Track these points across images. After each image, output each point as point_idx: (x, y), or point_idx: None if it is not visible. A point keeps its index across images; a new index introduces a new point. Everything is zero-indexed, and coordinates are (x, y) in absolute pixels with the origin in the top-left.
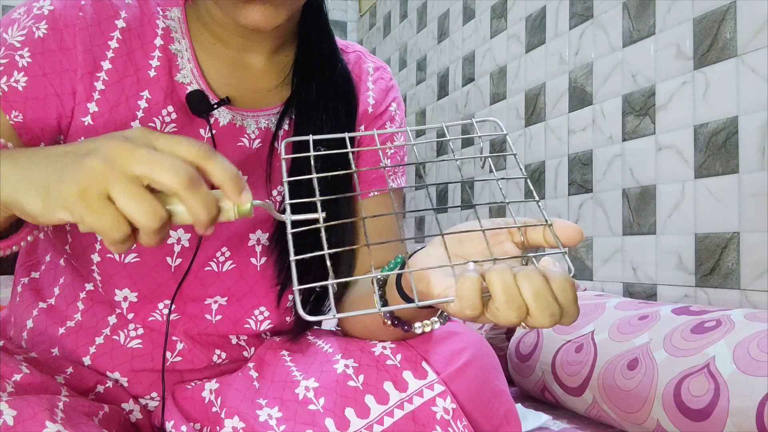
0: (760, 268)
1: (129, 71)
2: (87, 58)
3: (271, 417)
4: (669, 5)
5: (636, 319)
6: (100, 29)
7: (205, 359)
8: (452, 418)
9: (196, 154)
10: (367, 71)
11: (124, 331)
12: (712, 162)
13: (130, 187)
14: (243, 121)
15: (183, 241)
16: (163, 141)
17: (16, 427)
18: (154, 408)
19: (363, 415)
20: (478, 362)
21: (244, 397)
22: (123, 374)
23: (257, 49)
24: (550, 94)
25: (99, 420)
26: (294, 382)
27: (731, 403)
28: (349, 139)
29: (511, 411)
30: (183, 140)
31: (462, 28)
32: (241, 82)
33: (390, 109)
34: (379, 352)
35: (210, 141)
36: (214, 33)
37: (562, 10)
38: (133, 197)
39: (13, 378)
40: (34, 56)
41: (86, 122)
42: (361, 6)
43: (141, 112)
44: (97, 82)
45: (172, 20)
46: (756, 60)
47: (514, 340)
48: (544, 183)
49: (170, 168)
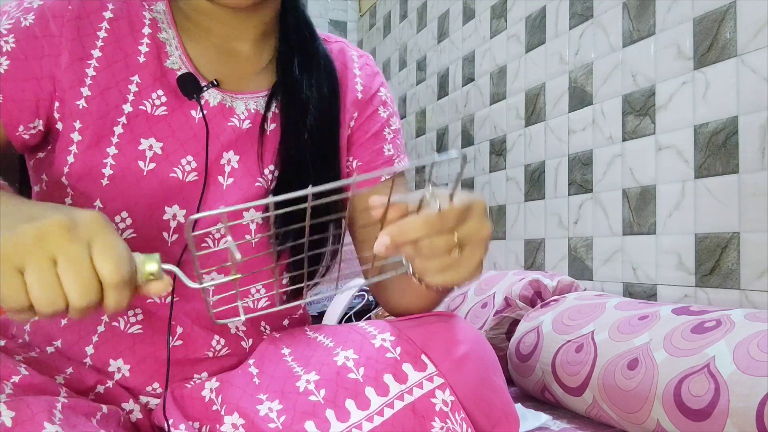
0: (760, 268)
1: (118, 57)
2: (75, 45)
3: (272, 410)
4: (669, 5)
5: (636, 319)
6: (89, 20)
7: (205, 344)
8: (451, 410)
9: (110, 283)
10: (351, 59)
11: (124, 318)
12: (712, 162)
13: (43, 271)
14: (232, 102)
15: (179, 217)
16: (99, 248)
17: (15, 428)
18: (155, 406)
19: (363, 407)
20: (476, 357)
21: (244, 392)
22: (126, 361)
23: (242, 36)
24: (550, 94)
25: (97, 420)
26: (295, 377)
27: (731, 403)
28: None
29: (509, 407)
30: (110, 261)
31: (462, 28)
32: (228, 68)
33: (380, 94)
34: (379, 344)
35: (201, 121)
36: (198, 23)
37: (562, 10)
38: (39, 281)
39: (11, 379)
40: (17, 41)
41: (80, 105)
42: (361, 6)
43: (131, 95)
44: (88, 68)
45: (158, 13)
46: (756, 60)
47: (514, 340)
48: (544, 183)
49: (80, 285)
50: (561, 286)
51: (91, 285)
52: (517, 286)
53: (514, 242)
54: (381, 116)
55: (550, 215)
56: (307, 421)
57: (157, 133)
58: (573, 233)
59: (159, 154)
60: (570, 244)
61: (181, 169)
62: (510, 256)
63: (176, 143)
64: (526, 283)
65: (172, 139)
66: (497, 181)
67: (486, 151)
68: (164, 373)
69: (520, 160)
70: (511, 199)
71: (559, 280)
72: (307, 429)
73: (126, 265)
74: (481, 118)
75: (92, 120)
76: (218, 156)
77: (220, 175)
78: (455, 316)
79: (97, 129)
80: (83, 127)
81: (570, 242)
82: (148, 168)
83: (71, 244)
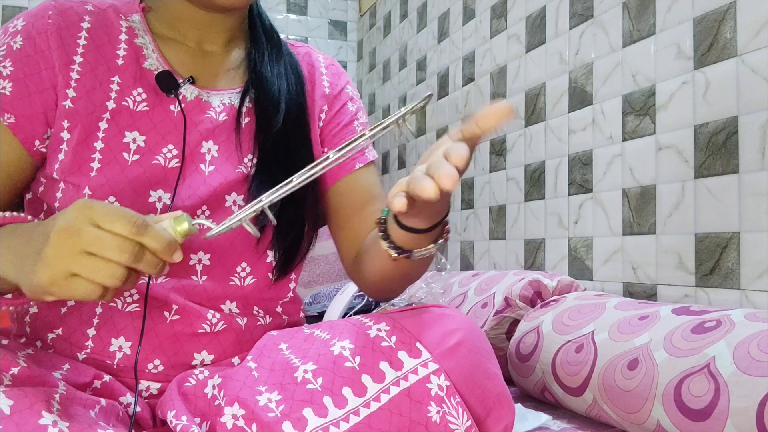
0: (760, 268)
1: (99, 62)
2: (61, 53)
3: (271, 400)
4: (669, 5)
5: (636, 319)
6: (69, 32)
7: (201, 317)
8: (446, 395)
9: (130, 230)
10: (318, 60)
11: (120, 298)
12: (712, 162)
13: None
14: (208, 97)
15: (164, 199)
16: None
17: (13, 417)
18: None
19: (360, 393)
20: (470, 343)
21: (244, 385)
22: (127, 338)
23: (213, 40)
24: (550, 94)
25: (96, 413)
26: (293, 368)
27: (731, 403)
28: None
29: (504, 394)
30: (119, 217)
31: (462, 28)
32: (202, 67)
33: (347, 90)
34: (375, 334)
35: (180, 114)
36: (173, 29)
37: (562, 10)
38: (92, 270)
39: (10, 371)
40: (14, 63)
41: (67, 106)
42: (361, 6)
43: (114, 93)
44: (72, 72)
45: (134, 22)
46: (756, 60)
47: (514, 341)
48: (544, 183)
49: (115, 248)
50: (561, 286)
51: (123, 245)
52: (517, 286)
53: (514, 242)
54: (350, 110)
55: (550, 215)
56: (305, 409)
57: (140, 127)
58: (573, 233)
59: (142, 147)
60: (570, 244)
61: (163, 156)
62: (510, 256)
63: (158, 135)
64: (526, 283)
65: (153, 132)
66: (497, 181)
67: (486, 151)
68: (165, 349)
69: (520, 160)
70: (511, 199)
71: (559, 280)
72: (306, 416)
73: (130, 214)
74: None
75: (80, 118)
76: (198, 145)
77: (201, 162)
78: (449, 307)
79: (85, 126)
80: (71, 125)
81: (570, 242)
82: (132, 159)
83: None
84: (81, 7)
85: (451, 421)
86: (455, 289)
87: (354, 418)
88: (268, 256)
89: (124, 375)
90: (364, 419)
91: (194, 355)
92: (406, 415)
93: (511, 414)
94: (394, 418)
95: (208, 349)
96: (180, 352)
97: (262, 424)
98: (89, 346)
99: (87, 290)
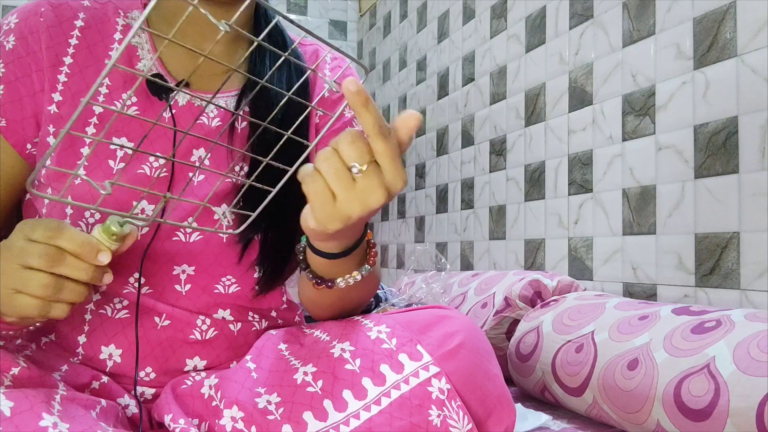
0: (760, 268)
1: (90, 62)
2: (50, 54)
3: (270, 403)
4: (669, 5)
5: (636, 319)
6: (61, 29)
7: (191, 324)
8: (447, 398)
9: (45, 235)
10: (324, 61)
11: (110, 305)
12: (712, 162)
13: (19, 275)
14: (201, 102)
15: (147, 211)
16: (28, 230)
17: (13, 419)
18: (151, 396)
19: (360, 397)
20: (470, 345)
21: (243, 387)
22: (117, 346)
23: (214, 38)
24: (550, 94)
25: (97, 414)
26: (292, 369)
27: (731, 404)
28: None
29: (504, 395)
30: (39, 226)
31: (462, 28)
32: (200, 68)
33: None
34: (375, 336)
35: (170, 120)
36: (173, 26)
37: (562, 10)
38: (24, 282)
39: (11, 372)
40: (6, 65)
41: (52, 110)
42: (361, 6)
43: (102, 96)
44: (60, 75)
45: (133, 19)
46: (756, 60)
47: (514, 341)
48: (544, 183)
49: (35, 255)
50: (561, 286)
51: (40, 248)
52: (517, 286)
53: (514, 242)
54: (345, 116)
55: (550, 215)
56: (305, 412)
57: (129, 132)
58: (573, 233)
59: (129, 154)
60: (570, 244)
61: (149, 166)
62: (510, 256)
63: (146, 142)
64: (526, 283)
65: None
66: (497, 181)
67: (486, 151)
68: (156, 355)
69: (520, 160)
70: (511, 199)
71: (559, 280)
72: (306, 419)
73: (48, 221)
74: (481, 118)
75: (65, 123)
76: (188, 153)
77: (190, 171)
78: (449, 308)
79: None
80: (56, 130)
81: (570, 242)
82: (117, 167)
83: (12, 249)
84: (77, 3)
85: (452, 425)
86: (455, 289)
87: (354, 422)
88: (256, 272)
89: (118, 380)
90: (365, 422)
91: (186, 362)
92: (406, 418)
93: (511, 415)
94: (395, 421)
95: (201, 355)
96: (172, 359)
97: (261, 427)
98: (80, 353)
99: (26, 304)
